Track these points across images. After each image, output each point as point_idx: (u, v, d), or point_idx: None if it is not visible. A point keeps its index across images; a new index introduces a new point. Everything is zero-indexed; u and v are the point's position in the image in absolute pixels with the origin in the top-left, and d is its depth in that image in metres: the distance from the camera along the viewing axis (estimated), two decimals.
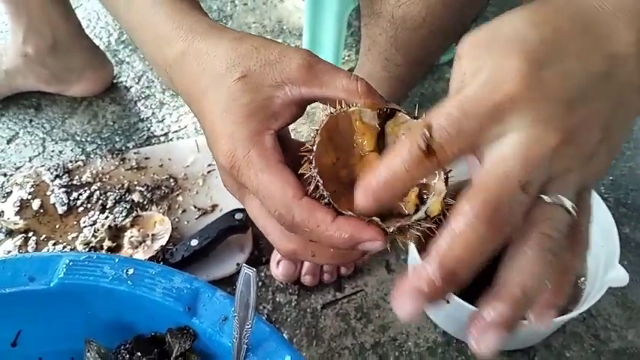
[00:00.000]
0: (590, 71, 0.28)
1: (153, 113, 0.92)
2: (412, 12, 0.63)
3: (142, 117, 0.91)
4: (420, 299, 0.27)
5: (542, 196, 0.28)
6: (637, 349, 0.68)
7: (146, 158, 0.83)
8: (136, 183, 0.80)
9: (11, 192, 0.78)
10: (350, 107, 0.36)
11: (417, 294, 0.27)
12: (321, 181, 0.33)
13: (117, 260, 0.49)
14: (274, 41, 0.40)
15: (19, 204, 0.77)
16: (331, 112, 0.36)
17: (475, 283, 0.30)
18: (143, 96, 0.94)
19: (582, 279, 0.67)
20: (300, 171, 0.35)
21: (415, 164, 0.28)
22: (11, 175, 0.82)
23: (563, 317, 0.58)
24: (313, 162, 0.34)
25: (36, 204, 0.77)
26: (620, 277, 0.60)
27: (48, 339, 0.52)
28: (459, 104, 0.28)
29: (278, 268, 0.69)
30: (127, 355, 0.49)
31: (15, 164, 0.84)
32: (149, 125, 0.90)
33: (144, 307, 0.47)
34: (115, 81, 0.95)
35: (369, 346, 0.66)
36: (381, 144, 0.37)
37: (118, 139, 0.88)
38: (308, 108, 0.40)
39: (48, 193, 0.78)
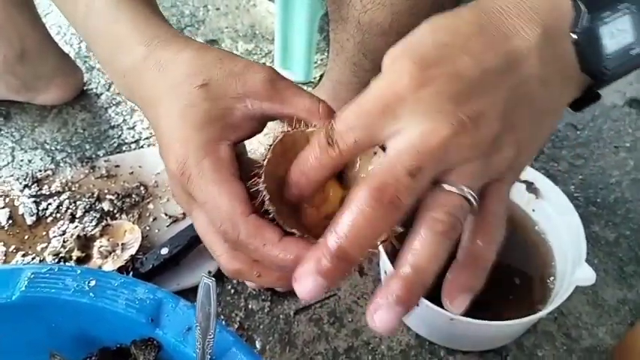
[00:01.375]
0: (483, 67, 0.30)
1: (124, 120, 0.91)
2: (378, 18, 0.63)
3: (112, 124, 0.90)
4: (318, 279, 0.29)
5: (443, 184, 0.30)
6: (608, 347, 0.69)
7: (116, 166, 0.82)
8: (106, 191, 0.79)
9: None
10: (308, 127, 0.36)
11: (317, 272, 0.29)
12: (268, 196, 0.33)
13: (79, 272, 0.48)
14: (239, 56, 0.40)
15: None
16: (287, 130, 0.36)
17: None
18: (114, 103, 0.93)
19: (551, 278, 0.67)
20: (248, 184, 0.34)
21: (321, 153, 0.32)
22: None
23: (533, 316, 0.58)
24: (262, 176, 0.34)
25: (4, 215, 0.76)
26: (587, 275, 0.61)
27: (12, 352, 0.51)
28: (356, 103, 0.31)
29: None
30: None
31: None
32: (120, 132, 0.89)
33: (107, 319, 0.47)
34: (85, 88, 0.94)
35: (343, 351, 0.66)
36: None
37: (88, 147, 0.87)
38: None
39: (17, 203, 0.77)
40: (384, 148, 0.36)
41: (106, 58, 0.45)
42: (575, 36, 0.32)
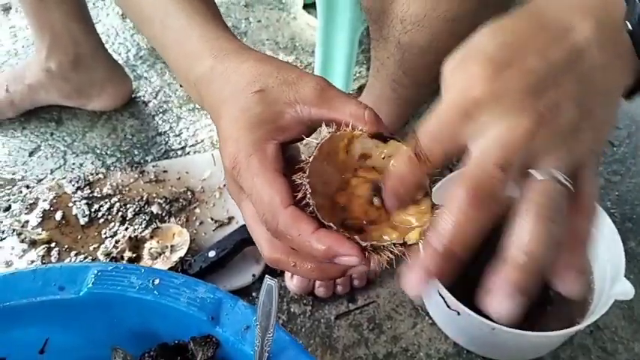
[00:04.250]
0: (550, 62, 0.32)
1: (170, 127, 0.94)
2: (418, 39, 0.65)
3: (159, 131, 0.94)
4: (424, 276, 0.31)
5: (536, 173, 0.32)
6: None
7: (164, 171, 0.86)
8: (154, 195, 0.82)
9: (34, 203, 0.81)
10: (354, 130, 0.38)
11: (421, 271, 0.31)
12: (309, 190, 0.35)
13: (143, 271, 0.51)
14: (295, 67, 0.43)
15: (41, 215, 0.80)
16: (334, 131, 0.38)
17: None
18: (161, 110, 0.97)
19: (590, 292, 0.68)
20: (293, 177, 0.37)
21: (413, 168, 0.34)
22: (34, 187, 0.85)
23: (571, 329, 0.60)
24: (307, 172, 0.36)
25: (58, 215, 0.80)
26: (626, 290, 0.62)
27: (75, 347, 0.54)
28: (435, 115, 0.33)
29: (292, 280, 0.71)
30: None
31: (37, 176, 0.87)
32: (167, 139, 0.92)
33: (169, 316, 0.50)
34: (133, 96, 0.98)
35: (382, 357, 0.67)
36: None
37: (136, 153, 0.90)
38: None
39: (70, 204, 0.81)
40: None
41: (181, 70, 0.48)
42: (629, 25, 0.34)
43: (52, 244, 0.77)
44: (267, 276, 0.43)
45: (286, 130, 0.40)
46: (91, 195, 0.82)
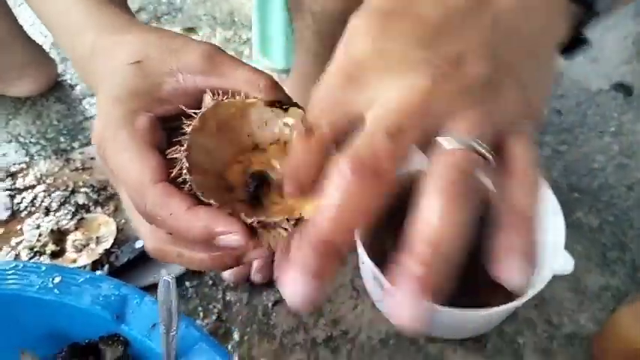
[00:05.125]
0: (450, 6, 0.27)
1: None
2: (329, 6, 0.61)
3: (87, 115, 0.88)
4: (307, 277, 0.24)
5: (439, 141, 0.26)
6: (589, 333, 0.68)
7: (91, 158, 0.81)
8: (81, 184, 0.78)
9: None
10: (246, 99, 0.35)
11: (303, 269, 0.24)
12: (186, 164, 0.31)
13: (43, 268, 0.47)
14: (184, 35, 0.38)
15: None
16: (218, 99, 0.34)
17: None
18: (89, 94, 0.91)
19: None
20: (167, 151, 0.33)
21: (306, 145, 0.29)
22: None
23: (511, 304, 0.58)
24: (185, 145, 0.32)
25: None
26: (565, 263, 0.60)
27: None
28: (321, 83, 0.29)
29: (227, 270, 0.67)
30: None
31: None
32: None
33: (73, 316, 0.46)
34: (59, 79, 0.92)
35: (321, 341, 0.65)
36: None
37: (62, 140, 0.85)
38: None
39: None
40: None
41: (66, 47, 0.44)
42: None
43: None
44: (163, 272, 0.39)
45: (165, 102, 0.36)
46: (13, 187, 0.77)
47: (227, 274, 0.68)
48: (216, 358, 0.41)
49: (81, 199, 0.75)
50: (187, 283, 0.69)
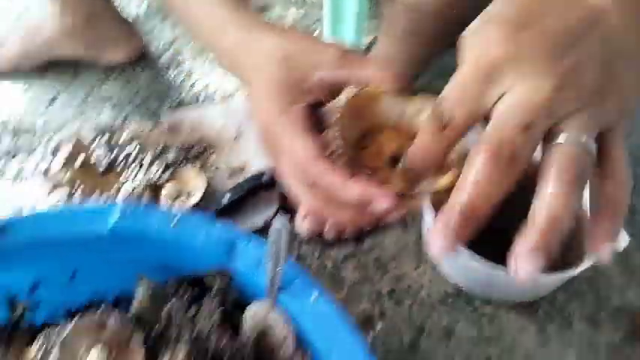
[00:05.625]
0: (571, 23, 0.33)
1: (183, 80, 0.97)
2: (423, 1, 0.66)
3: (173, 84, 0.96)
4: (447, 240, 0.32)
5: (558, 137, 0.32)
6: (635, 307, 0.73)
7: (179, 121, 0.89)
8: (170, 144, 0.86)
9: (57, 149, 0.85)
10: (378, 89, 0.41)
11: (443, 235, 0.32)
12: (341, 142, 0.39)
13: (164, 210, 0.54)
14: (314, 36, 0.46)
15: (64, 160, 0.83)
16: (358, 90, 0.41)
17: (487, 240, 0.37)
18: (173, 64, 0.99)
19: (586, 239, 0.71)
20: (323, 134, 0.40)
21: (436, 134, 0.34)
22: (55, 134, 0.88)
23: (565, 274, 0.63)
24: (335, 127, 0.39)
25: (79, 160, 0.83)
26: (621, 239, 0.64)
27: (99, 278, 0.58)
28: (455, 80, 0.33)
29: (303, 224, 0.75)
30: (172, 290, 0.55)
31: (58, 124, 0.90)
32: (180, 91, 0.95)
33: (187, 252, 0.53)
34: (145, 50, 1.01)
35: (385, 293, 0.72)
36: None
37: (151, 104, 0.93)
38: None
39: (90, 151, 0.85)
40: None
41: (210, 42, 0.53)
42: None
43: (74, 188, 0.80)
44: (279, 213, 0.46)
45: (310, 93, 0.44)
46: (109, 142, 0.86)
47: (303, 230, 0.75)
48: (314, 292, 0.48)
49: (171, 156, 0.83)
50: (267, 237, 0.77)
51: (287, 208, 0.74)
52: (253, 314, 0.52)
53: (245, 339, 0.50)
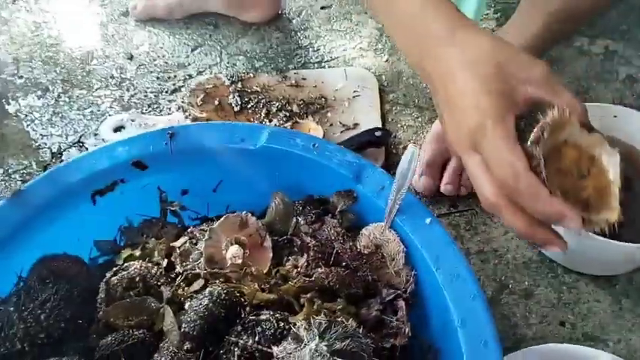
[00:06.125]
0: None
1: (310, 43, 1.08)
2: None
3: (300, 45, 1.07)
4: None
5: None
6: None
7: (303, 79, 0.99)
8: (294, 97, 0.97)
9: (196, 89, 0.98)
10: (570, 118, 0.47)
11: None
12: (542, 161, 0.44)
13: (304, 135, 0.65)
14: (523, 50, 0.50)
15: (202, 99, 0.96)
16: (558, 115, 0.47)
17: None
18: (302, 28, 1.10)
19: None
20: (529, 148, 0.45)
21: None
22: (196, 77, 1.02)
23: None
24: (539, 145, 0.45)
25: (216, 101, 0.96)
26: None
27: (240, 191, 0.68)
28: None
29: (420, 181, 0.82)
30: (300, 207, 0.66)
31: (198, 68, 1.04)
32: (306, 53, 1.06)
33: (321, 173, 0.63)
34: (280, 12, 1.12)
35: (474, 252, 0.79)
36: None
37: (280, 60, 1.05)
38: None
39: (225, 94, 0.97)
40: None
41: (404, 40, 0.56)
42: None
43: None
44: (411, 143, 0.55)
45: (517, 105, 0.47)
46: (242, 89, 0.98)
47: (420, 186, 0.82)
48: (427, 216, 0.57)
49: (294, 108, 0.94)
50: None
51: (390, 165, 0.82)
52: (369, 233, 0.61)
53: (362, 249, 0.60)
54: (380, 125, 0.91)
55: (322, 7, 1.12)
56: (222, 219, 0.63)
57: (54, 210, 0.63)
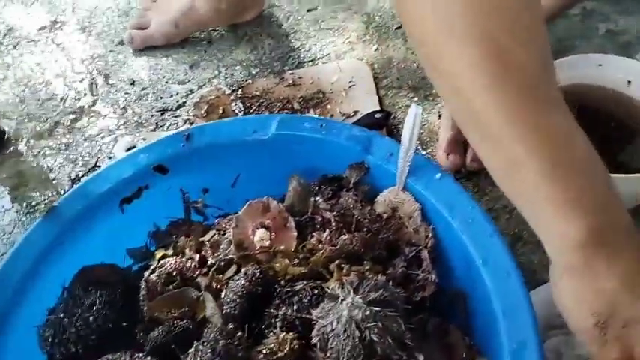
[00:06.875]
0: None
1: (301, 44, 1.12)
2: None
3: (292, 47, 1.12)
4: None
5: None
6: None
7: (299, 77, 1.04)
8: (293, 96, 1.01)
9: (200, 102, 1.02)
10: None
11: None
12: None
13: (314, 118, 0.69)
14: None
15: (206, 110, 1.01)
16: None
17: None
18: (292, 31, 1.15)
19: None
20: None
21: None
22: (197, 91, 1.06)
23: None
24: None
25: (220, 110, 1.00)
26: None
27: (257, 182, 0.72)
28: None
29: (448, 159, 0.83)
30: (316, 188, 0.69)
31: (198, 83, 1.08)
32: (299, 54, 1.10)
33: (332, 151, 0.67)
34: (270, 19, 1.17)
35: (486, 209, 0.82)
36: None
37: (275, 64, 1.09)
38: None
39: (228, 102, 1.02)
40: None
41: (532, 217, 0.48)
42: None
43: None
44: (414, 102, 0.59)
45: None
46: (242, 95, 1.02)
47: (448, 163, 0.83)
48: (437, 172, 0.61)
49: (295, 105, 0.99)
50: None
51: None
52: (384, 198, 0.65)
53: (380, 212, 0.63)
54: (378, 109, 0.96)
55: (308, 10, 1.17)
56: (245, 206, 0.67)
57: (86, 222, 0.67)
